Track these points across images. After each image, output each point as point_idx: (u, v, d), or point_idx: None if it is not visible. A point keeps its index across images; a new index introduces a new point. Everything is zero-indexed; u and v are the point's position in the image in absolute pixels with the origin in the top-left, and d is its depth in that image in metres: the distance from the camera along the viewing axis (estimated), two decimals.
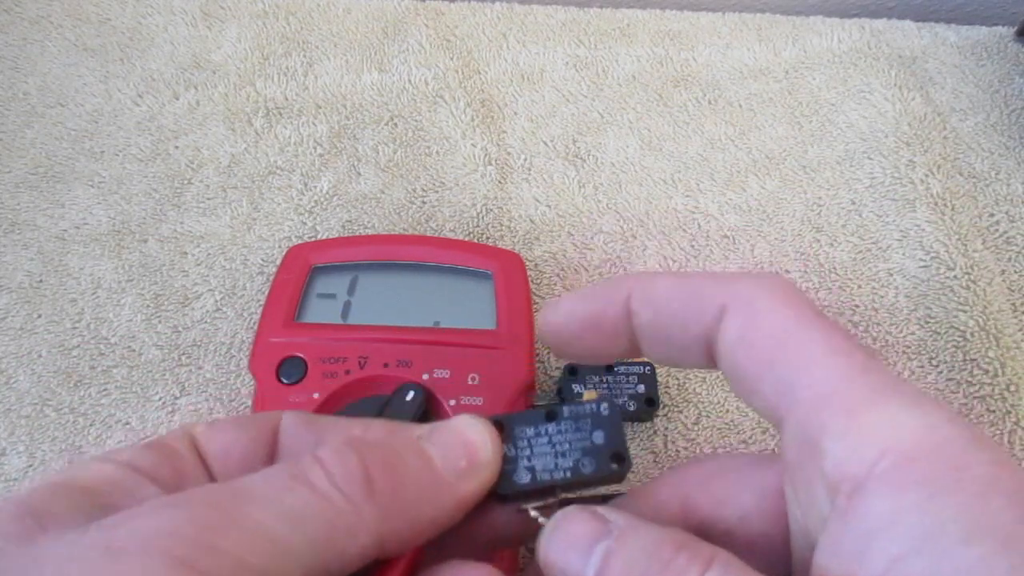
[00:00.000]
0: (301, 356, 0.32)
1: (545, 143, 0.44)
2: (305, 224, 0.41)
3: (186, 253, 0.40)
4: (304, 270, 0.35)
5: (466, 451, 0.19)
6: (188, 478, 0.19)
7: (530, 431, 0.21)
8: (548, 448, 0.21)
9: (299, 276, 0.35)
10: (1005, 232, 0.42)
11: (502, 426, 0.21)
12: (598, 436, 0.21)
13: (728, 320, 0.19)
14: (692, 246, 0.41)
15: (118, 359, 0.36)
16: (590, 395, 0.22)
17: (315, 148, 0.44)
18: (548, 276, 0.39)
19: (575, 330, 0.22)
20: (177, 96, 0.46)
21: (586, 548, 0.18)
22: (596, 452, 0.20)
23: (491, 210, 0.41)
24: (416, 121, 0.45)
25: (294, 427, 0.20)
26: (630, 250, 0.40)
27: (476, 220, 0.41)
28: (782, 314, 0.18)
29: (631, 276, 0.21)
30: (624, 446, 0.21)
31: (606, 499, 0.27)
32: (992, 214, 0.42)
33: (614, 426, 0.21)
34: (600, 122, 0.45)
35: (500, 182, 0.43)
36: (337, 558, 0.17)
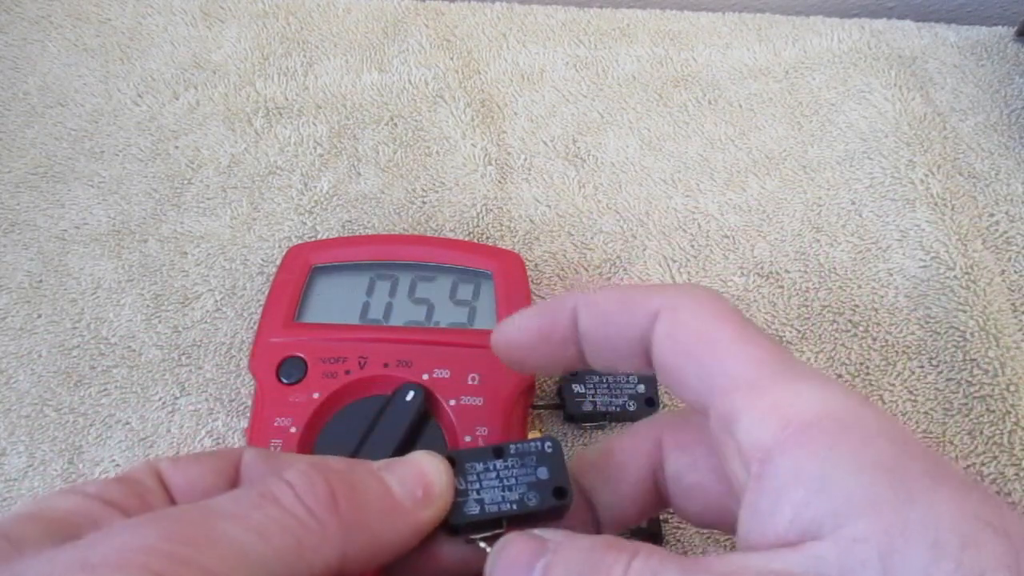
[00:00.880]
0: (301, 356, 0.32)
1: (545, 143, 0.44)
2: (305, 224, 0.41)
3: (186, 253, 0.40)
4: (304, 270, 0.35)
5: (422, 482, 0.21)
6: (155, 509, 0.19)
7: (479, 466, 0.22)
8: (496, 482, 0.22)
9: (299, 276, 0.35)
10: (1005, 232, 0.42)
11: (454, 461, 0.22)
12: (542, 472, 0.22)
13: (658, 323, 0.21)
14: (692, 246, 0.41)
15: (118, 359, 0.36)
16: (534, 434, 0.24)
17: (315, 148, 0.44)
18: (548, 276, 0.39)
19: (529, 342, 0.24)
20: (177, 96, 0.46)
21: (527, 566, 0.19)
22: (540, 486, 0.22)
23: (491, 210, 0.41)
24: (416, 121, 0.45)
25: (255, 462, 0.21)
26: (630, 250, 0.40)
27: (476, 220, 0.41)
28: (702, 316, 0.21)
29: (576, 293, 0.24)
30: (567, 481, 0.22)
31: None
32: (992, 214, 0.42)
33: (557, 462, 0.23)
34: (600, 122, 0.45)
35: (500, 182, 0.43)
36: (304, 572, 0.18)
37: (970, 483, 0.17)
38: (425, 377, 0.31)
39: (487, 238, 0.40)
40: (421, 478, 0.21)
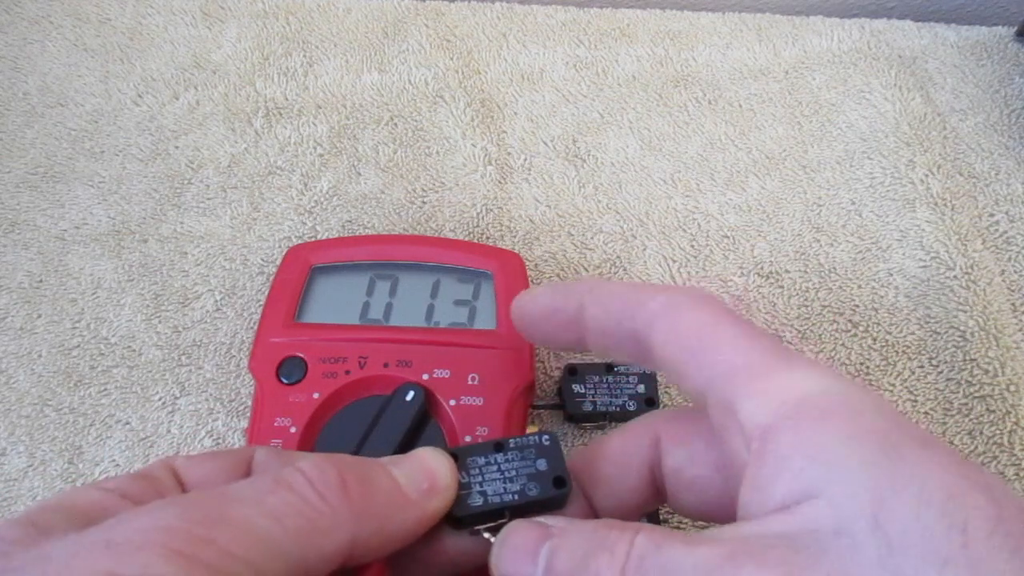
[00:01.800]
0: (301, 356, 0.32)
1: (545, 143, 0.44)
2: (305, 224, 0.41)
3: (186, 253, 0.40)
4: (304, 270, 0.35)
5: (427, 475, 0.22)
6: None
7: (481, 460, 0.23)
8: (497, 475, 0.23)
9: (299, 276, 0.35)
10: (1005, 232, 0.42)
11: (456, 457, 0.23)
12: (541, 463, 0.23)
13: (660, 319, 0.22)
14: (692, 246, 0.41)
15: (118, 359, 0.36)
16: (532, 428, 0.25)
17: (315, 148, 0.44)
18: (548, 276, 0.39)
19: (540, 315, 0.26)
20: (177, 96, 0.46)
21: (532, 551, 0.20)
22: (540, 477, 0.23)
23: (491, 210, 0.41)
24: (416, 121, 0.45)
25: (267, 460, 0.22)
26: (630, 250, 0.40)
27: (476, 220, 0.41)
28: (703, 312, 0.22)
29: (588, 280, 0.25)
30: (565, 471, 0.23)
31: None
32: (992, 214, 0.42)
33: (555, 454, 0.24)
34: (600, 122, 0.45)
35: (500, 182, 0.43)
36: (316, 554, 0.18)
37: (956, 452, 0.18)
38: (425, 377, 0.31)
39: (487, 238, 0.40)
40: (426, 472, 0.22)
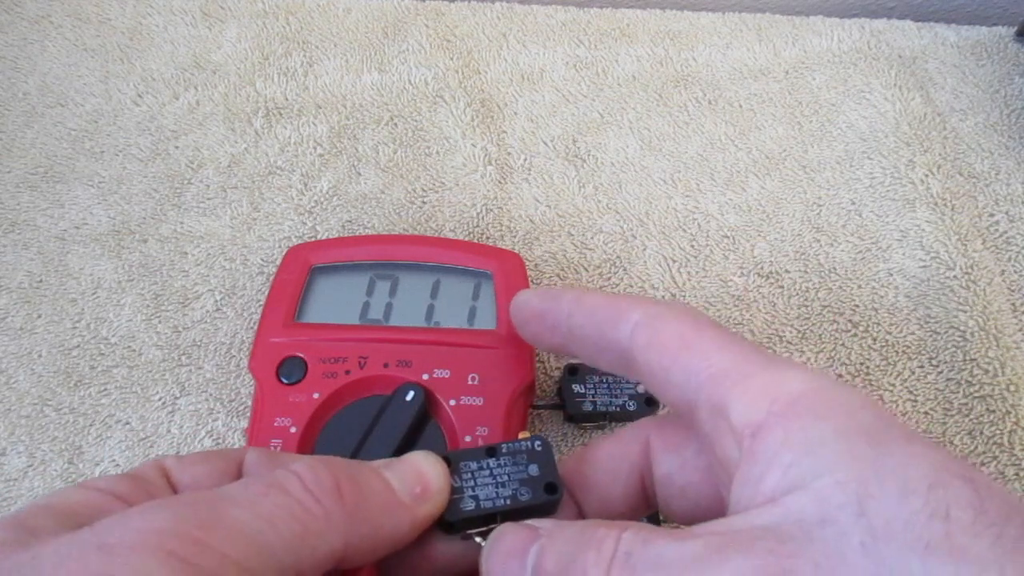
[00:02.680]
0: (301, 356, 0.32)
1: (545, 143, 0.44)
2: (305, 224, 0.41)
3: (186, 253, 0.40)
4: (304, 270, 0.35)
5: (420, 479, 0.22)
6: None
7: (473, 465, 0.23)
8: (490, 480, 0.23)
9: (299, 276, 0.35)
10: (1005, 232, 0.42)
11: (449, 461, 0.23)
12: (533, 469, 0.23)
13: (641, 330, 0.23)
14: (692, 246, 0.41)
15: (118, 359, 0.36)
16: (524, 434, 0.25)
17: (315, 148, 0.44)
18: (548, 276, 0.39)
19: (531, 316, 0.27)
20: (177, 96, 0.46)
21: (521, 553, 0.20)
22: (532, 483, 0.23)
23: (491, 210, 0.41)
24: (416, 121, 0.45)
25: (257, 461, 0.22)
26: (630, 250, 0.40)
27: (476, 220, 0.41)
28: (684, 322, 0.22)
29: (575, 289, 0.26)
30: (557, 477, 0.23)
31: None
32: (992, 214, 0.42)
33: (547, 460, 0.24)
34: (600, 122, 0.45)
35: (500, 182, 0.43)
36: (308, 557, 0.18)
37: (940, 446, 0.18)
38: (425, 377, 0.31)
39: (487, 238, 0.40)
40: (419, 476, 0.22)
